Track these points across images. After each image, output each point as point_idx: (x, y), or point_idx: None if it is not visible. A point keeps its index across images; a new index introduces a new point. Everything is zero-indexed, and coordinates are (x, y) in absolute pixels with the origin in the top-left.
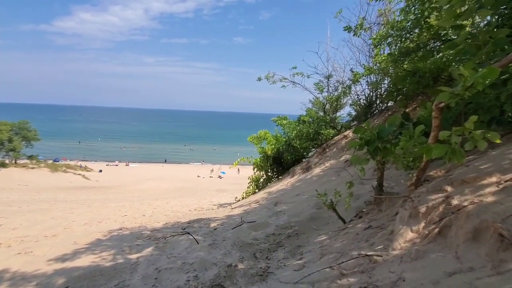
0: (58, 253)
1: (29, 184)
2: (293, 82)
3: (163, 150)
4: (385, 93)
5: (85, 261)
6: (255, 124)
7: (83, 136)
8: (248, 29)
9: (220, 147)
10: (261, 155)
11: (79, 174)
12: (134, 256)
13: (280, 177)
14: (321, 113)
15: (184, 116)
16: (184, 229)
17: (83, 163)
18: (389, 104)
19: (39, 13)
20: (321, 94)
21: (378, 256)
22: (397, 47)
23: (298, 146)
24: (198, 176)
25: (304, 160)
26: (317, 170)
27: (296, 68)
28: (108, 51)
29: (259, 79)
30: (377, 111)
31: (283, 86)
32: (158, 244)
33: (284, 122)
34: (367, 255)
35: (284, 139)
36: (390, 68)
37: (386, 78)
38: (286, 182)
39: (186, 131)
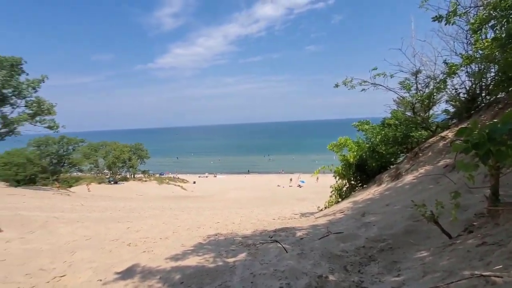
0: (171, 253)
1: (144, 195)
2: (374, 84)
3: (246, 162)
4: (492, 84)
5: (192, 261)
6: (329, 131)
7: (180, 153)
8: (320, 36)
9: (298, 156)
10: (343, 163)
11: (178, 186)
12: (231, 260)
13: (364, 186)
14: (409, 114)
15: (263, 128)
16: (271, 237)
17: (181, 176)
18: (498, 96)
19: (146, 55)
20: (408, 92)
21: (497, 277)
22: (503, 30)
23: (384, 152)
24: (278, 185)
25: (391, 166)
26: (409, 178)
27: (376, 69)
28: (196, 77)
29: (337, 85)
30: (483, 105)
31: (363, 89)
32: (250, 250)
33: (366, 127)
34: (482, 275)
35: (367, 145)
36: (497, 54)
37: (492, 66)
38: (372, 191)
39: (265, 142)
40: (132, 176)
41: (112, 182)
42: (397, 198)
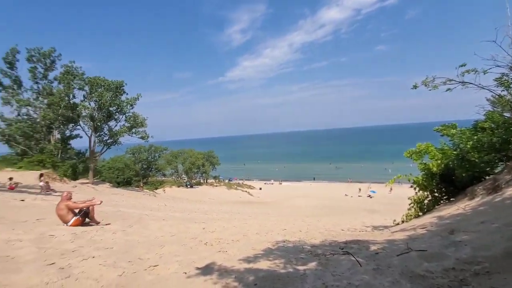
0: (243, 255)
1: (215, 198)
2: (463, 82)
3: (311, 169)
4: None
5: (263, 264)
6: (402, 137)
7: (247, 159)
8: (392, 34)
9: (367, 164)
10: (423, 172)
11: (245, 191)
12: (301, 268)
13: (451, 199)
14: (509, 115)
15: (329, 135)
16: (342, 248)
17: (248, 182)
18: None
19: (217, 70)
20: (507, 90)
21: None
22: None
23: (476, 160)
24: (346, 195)
25: (487, 178)
26: (510, 191)
27: (465, 65)
28: (263, 87)
29: (415, 86)
30: None
31: (448, 89)
32: (320, 260)
33: (453, 131)
34: None
35: (455, 152)
36: None
37: None
38: (462, 206)
39: (331, 149)
40: (205, 181)
41: (188, 186)
42: (495, 215)
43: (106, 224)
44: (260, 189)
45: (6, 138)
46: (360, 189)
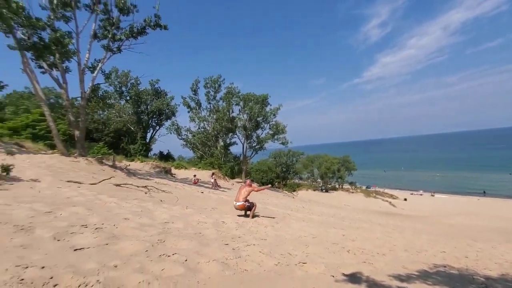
0: (393, 271)
1: (351, 205)
2: None
3: (477, 180)
4: None
5: (420, 287)
6: None
7: (387, 166)
8: None
9: None
10: None
11: (386, 201)
12: None
13: None
14: None
15: (501, 135)
16: None
17: (389, 191)
18: None
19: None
20: None
21: None
22: None
23: None
24: None
25: None
26: None
27: None
28: (406, 84)
29: None
30: None
31: None
32: None
33: None
34: None
35: None
36: None
37: None
38: None
39: (507, 154)
40: (340, 186)
41: (323, 190)
42: None
43: (256, 216)
44: (405, 200)
45: (191, 145)
46: None
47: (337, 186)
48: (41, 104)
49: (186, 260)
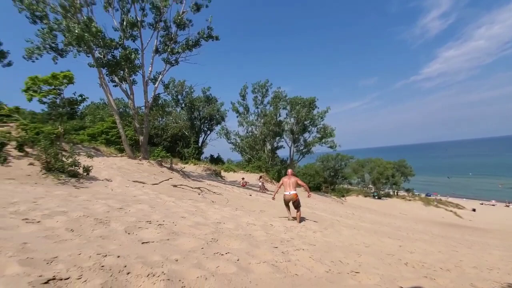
0: None
1: (408, 214)
2: None
3: None
4: None
5: None
6: None
7: (451, 171)
8: None
9: None
10: None
11: (450, 211)
12: None
13: None
14: None
15: None
16: None
17: (453, 200)
18: None
19: (408, 70)
20: None
21: None
22: None
23: None
24: None
25: None
26: None
27: None
28: (474, 79)
29: None
30: None
31: None
32: None
33: None
34: None
35: None
36: None
37: None
38: None
39: None
40: (395, 193)
41: (376, 197)
42: None
43: (303, 220)
44: (474, 210)
45: (240, 149)
46: None
47: (391, 192)
48: (113, 113)
49: (238, 260)
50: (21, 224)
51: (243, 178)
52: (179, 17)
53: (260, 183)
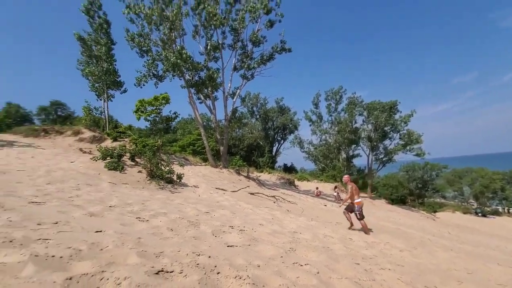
0: None
1: None
2: None
3: None
4: None
5: None
6: None
7: None
8: None
9: None
10: None
11: None
12: None
13: None
14: None
15: None
16: None
17: None
18: None
19: None
20: None
21: None
22: None
23: None
24: None
25: None
26: None
27: None
28: None
29: None
30: None
31: None
32: None
33: None
34: None
35: None
36: None
37: None
38: None
39: None
40: (506, 210)
41: (479, 214)
42: None
43: (370, 231)
44: None
45: (313, 158)
46: None
47: (500, 209)
48: (198, 127)
49: (318, 273)
50: (135, 222)
51: (317, 188)
52: (254, 35)
53: (335, 193)
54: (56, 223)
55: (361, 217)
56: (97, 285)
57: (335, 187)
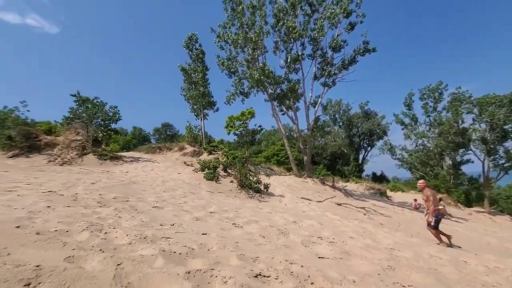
0: None
1: None
2: None
3: None
4: None
5: None
6: None
7: None
8: None
9: None
10: None
11: None
12: None
13: None
14: None
15: None
16: None
17: None
18: None
19: None
20: None
21: None
22: None
23: None
24: None
25: None
26: None
27: None
28: None
29: None
30: None
31: None
32: None
33: None
34: None
35: None
36: None
37: None
38: None
39: None
40: None
41: None
42: None
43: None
44: None
45: (408, 165)
46: None
47: None
48: (282, 138)
49: None
50: (232, 228)
51: (415, 200)
52: (334, 41)
53: (441, 207)
54: (173, 225)
55: (435, 227)
56: (208, 281)
57: (440, 199)
